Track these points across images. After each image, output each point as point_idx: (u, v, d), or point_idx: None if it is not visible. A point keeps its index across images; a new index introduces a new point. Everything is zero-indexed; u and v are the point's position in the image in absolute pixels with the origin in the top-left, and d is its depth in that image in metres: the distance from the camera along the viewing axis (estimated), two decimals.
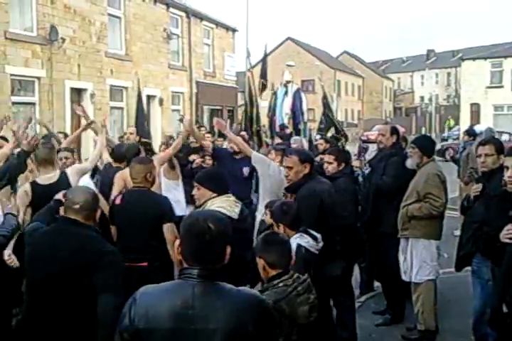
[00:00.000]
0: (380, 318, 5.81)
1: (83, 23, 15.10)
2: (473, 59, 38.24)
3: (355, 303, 5.46)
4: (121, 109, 17.16)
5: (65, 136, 8.66)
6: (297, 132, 12.48)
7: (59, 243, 3.23)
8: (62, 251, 3.18)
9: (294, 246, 3.74)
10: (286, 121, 13.01)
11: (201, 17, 21.88)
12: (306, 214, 4.08)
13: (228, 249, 2.23)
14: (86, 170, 5.59)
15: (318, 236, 3.95)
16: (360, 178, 6.82)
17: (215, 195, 3.94)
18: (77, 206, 3.31)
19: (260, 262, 2.98)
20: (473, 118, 36.37)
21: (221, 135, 14.02)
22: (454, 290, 6.05)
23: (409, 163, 5.49)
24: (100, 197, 5.47)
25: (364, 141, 25.23)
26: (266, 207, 4.69)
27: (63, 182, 4.88)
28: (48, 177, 4.95)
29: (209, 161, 8.00)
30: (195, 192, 4.19)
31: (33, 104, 13.68)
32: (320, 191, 4.50)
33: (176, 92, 20.39)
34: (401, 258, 5.41)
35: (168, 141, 11.60)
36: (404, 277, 5.39)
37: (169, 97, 19.75)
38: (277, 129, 12.56)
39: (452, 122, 46.10)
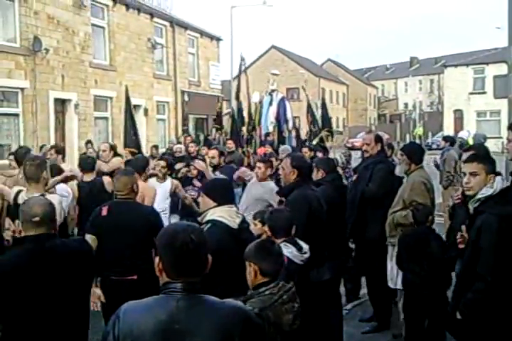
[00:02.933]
0: (367, 326, 5.81)
1: (67, 33, 15.07)
2: (456, 66, 38.69)
3: (342, 311, 5.46)
4: (106, 119, 17.11)
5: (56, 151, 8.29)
6: (282, 140, 12.54)
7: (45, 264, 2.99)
8: (52, 273, 3.00)
9: None
10: (271, 129, 13.06)
11: (185, 26, 21.92)
12: (296, 219, 4.11)
13: (210, 258, 2.20)
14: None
15: (305, 246, 3.93)
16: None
17: (215, 204, 3.95)
18: (37, 218, 3.02)
19: (252, 268, 2.95)
20: (456, 124, 36.72)
21: (206, 144, 14.02)
22: None
23: (398, 171, 5.52)
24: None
25: (349, 148, 25.61)
26: (254, 217, 4.71)
27: None
28: None
29: (194, 171, 8.00)
30: (199, 199, 4.27)
31: (17, 115, 13.60)
32: (310, 197, 4.57)
33: (160, 102, 20.36)
34: (388, 265, 5.42)
35: (155, 153, 11.67)
36: (390, 284, 5.41)
37: (154, 107, 19.72)
38: (262, 138, 12.60)
39: (421, 130, 43.87)
